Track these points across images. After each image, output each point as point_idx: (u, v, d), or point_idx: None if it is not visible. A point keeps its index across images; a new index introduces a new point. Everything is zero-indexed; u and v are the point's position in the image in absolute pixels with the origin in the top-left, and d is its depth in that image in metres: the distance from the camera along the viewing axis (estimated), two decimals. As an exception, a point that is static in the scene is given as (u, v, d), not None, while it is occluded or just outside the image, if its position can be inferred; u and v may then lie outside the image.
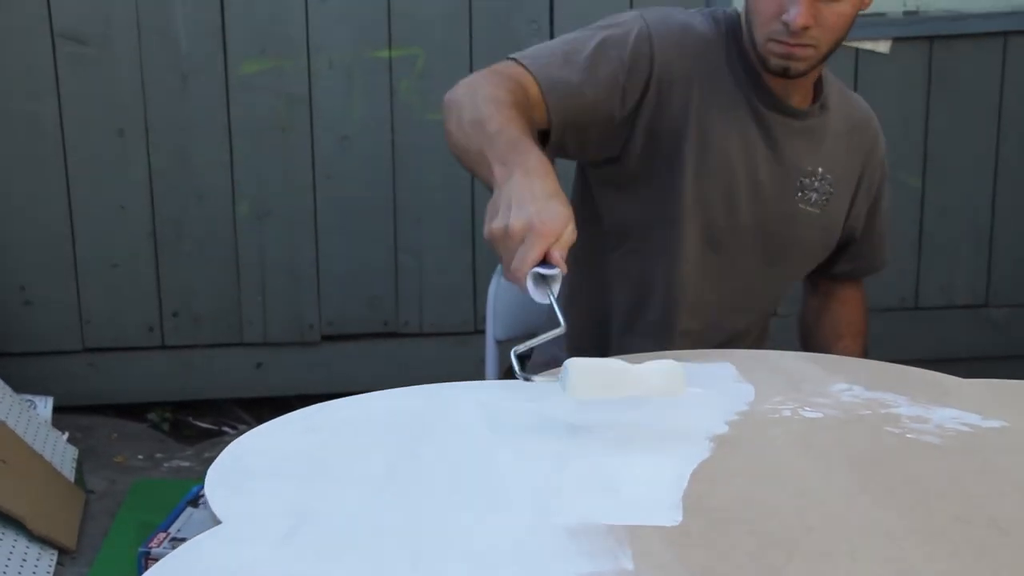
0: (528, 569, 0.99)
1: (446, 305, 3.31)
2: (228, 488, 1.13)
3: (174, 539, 2.28)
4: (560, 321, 1.29)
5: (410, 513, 1.08)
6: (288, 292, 3.26)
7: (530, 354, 1.70)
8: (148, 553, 2.25)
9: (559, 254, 1.30)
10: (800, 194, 1.80)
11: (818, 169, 1.81)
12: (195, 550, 1.03)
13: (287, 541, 1.02)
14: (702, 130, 1.72)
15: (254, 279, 3.24)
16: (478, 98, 1.51)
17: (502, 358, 2.07)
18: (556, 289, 1.30)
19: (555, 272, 1.29)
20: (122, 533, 2.70)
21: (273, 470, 1.17)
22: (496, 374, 2.05)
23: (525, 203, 1.31)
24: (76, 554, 2.59)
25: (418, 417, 1.31)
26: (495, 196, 1.35)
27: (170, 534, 2.30)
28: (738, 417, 1.32)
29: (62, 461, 2.81)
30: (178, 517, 2.37)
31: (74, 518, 2.69)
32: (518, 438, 1.24)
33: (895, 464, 1.21)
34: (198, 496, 2.44)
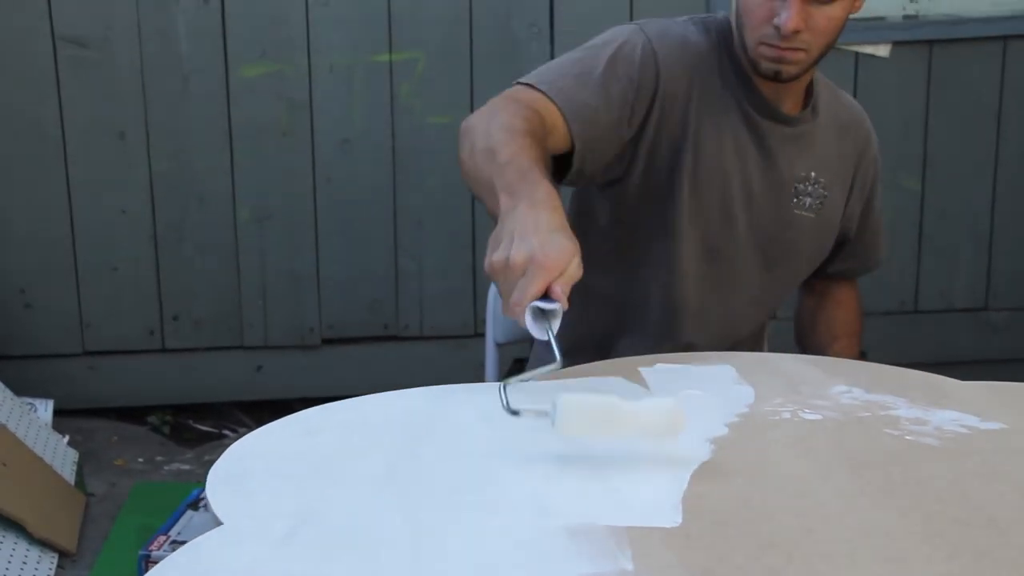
0: (528, 570, 0.99)
1: (446, 308, 3.31)
2: (229, 489, 1.13)
3: (174, 542, 2.29)
4: (557, 356, 1.25)
5: (410, 513, 1.08)
6: (288, 295, 3.26)
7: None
8: (148, 556, 2.26)
9: (561, 289, 1.24)
10: (795, 200, 1.80)
11: (811, 174, 1.81)
12: (196, 550, 1.03)
13: (288, 541, 1.03)
14: (698, 141, 1.71)
15: (254, 282, 3.24)
16: (492, 126, 1.46)
17: (502, 361, 2.07)
18: (556, 326, 1.25)
19: (555, 307, 1.24)
20: (122, 536, 2.70)
21: (274, 471, 1.18)
22: (496, 377, 2.05)
23: (528, 235, 1.25)
24: (76, 557, 2.59)
25: (418, 418, 1.31)
26: (498, 227, 1.30)
27: (170, 537, 2.31)
28: (738, 419, 1.32)
29: (62, 464, 2.81)
30: (178, 520, 2.38)
31: (74, 521, 2.69)
32: (518, 439, 1.24)
33: (894, 466, 1.21)
34: (198, 499, 2.44)
